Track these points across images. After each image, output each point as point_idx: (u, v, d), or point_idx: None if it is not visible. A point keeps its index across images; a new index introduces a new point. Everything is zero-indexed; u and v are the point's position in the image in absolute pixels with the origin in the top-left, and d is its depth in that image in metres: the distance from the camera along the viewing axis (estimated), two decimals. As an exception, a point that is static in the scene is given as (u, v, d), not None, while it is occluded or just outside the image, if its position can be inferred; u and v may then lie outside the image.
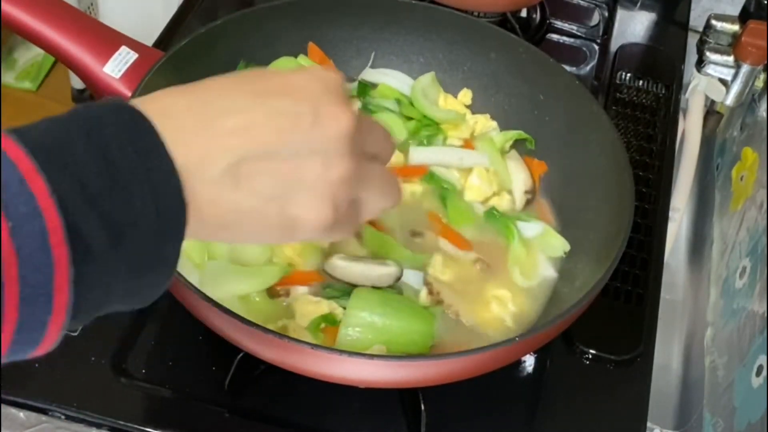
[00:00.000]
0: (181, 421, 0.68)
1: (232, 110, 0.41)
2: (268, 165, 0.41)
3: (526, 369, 0.75)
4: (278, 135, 0.41)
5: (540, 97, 0.85)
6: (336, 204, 0.44)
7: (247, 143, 0.40)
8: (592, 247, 0.74)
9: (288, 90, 0.43)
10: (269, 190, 0.41)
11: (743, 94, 1.01)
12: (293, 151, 0.42)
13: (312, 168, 0.42)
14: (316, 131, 0.42)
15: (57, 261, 0.34)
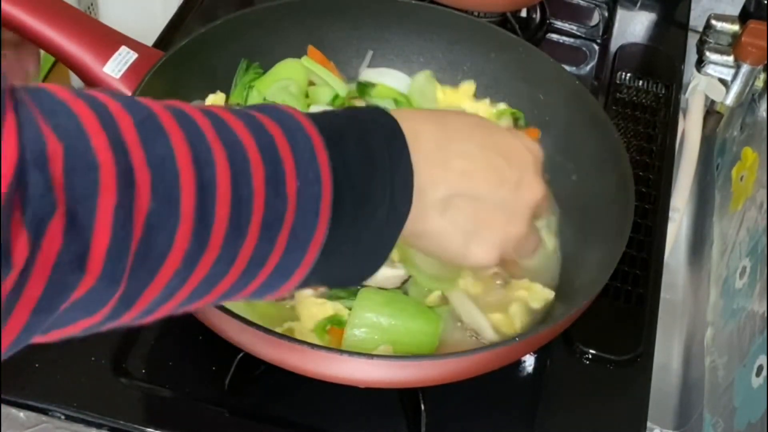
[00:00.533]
0: (181, 421, 0.68)
1: (464, 155, 0.50)
2: (471, 205, 0.50)
3: (526, 369, 0.75)
4: (488, 186, 0.51)
5: (540, 96, 0.85)
6: (503, 254, 0.53)
7: (464, 184, 0.50)
8: (593, 247, 0.74)
9: (507, 152, 0.52)
10: (464, 224, 0.50)
11: (743, 94, 1.01)
12: (492, 201, 0.51)
13: (500, 220, 0.52)
14: (514, 194, 0.52)
15: (320, 223, 0.41)
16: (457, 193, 0.49)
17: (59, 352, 0.70)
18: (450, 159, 0.49)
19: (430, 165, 0.48)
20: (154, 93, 0.72)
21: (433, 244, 0.51)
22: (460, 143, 0.50)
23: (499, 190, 0.51)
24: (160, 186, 0.34)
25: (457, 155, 0.50)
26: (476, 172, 0.50)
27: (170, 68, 0.74)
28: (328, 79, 0.85)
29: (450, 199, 0.49)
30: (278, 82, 0.82)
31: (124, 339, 0.72)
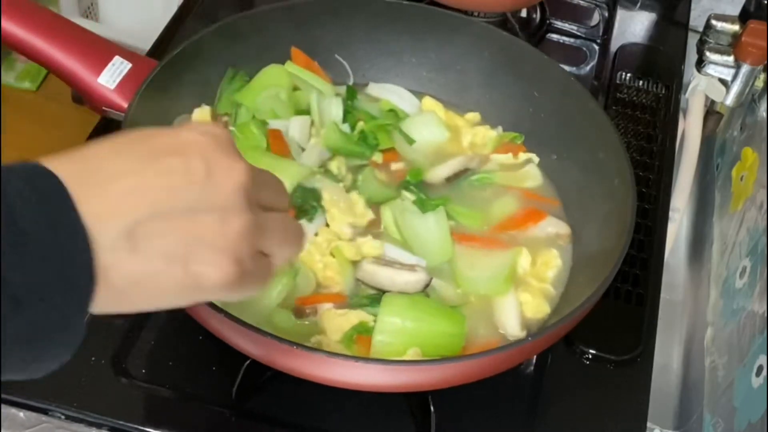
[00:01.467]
0: (181, 421, 0.68)
1: (122, 173, 0.40)
2: (163, 225, 0.40)
3: (526, 369, 0.75)
4: (170, 193, 0.40)
5: (534, 94, 0.85)
6: (239, 259, 0.42)
7: (139, 205, 0.39)
8: (593, 247, 0.74)
9: (178, 148, 0.42)
10: (167, 250, 0.40)
11: (743, 94, 1.01)
12: (187, 208, 0.41)
13: (209, 224, 0.41)
14: (209, 186, 0.41)
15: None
16: (136, 220, 0.39)
17: (59, 352, 0.70)
18: (108, 185, 0.39)
19: (84, 205, 0.38)
20: (150, 105, 0.72)
21: (149, 294, 0.41)
22: (112, 163, 0.40)
23: (186, 192, 0.41)
24: None
25: (114, 178, 0.39)
26: (146, 187, 0.40)
27: (165, 77, 0.74)
28: (313, 82, 0.84)
29: (131, 230, 0.39)
30: (266, 91, 0.82)
31: (124, 339, 0.72)
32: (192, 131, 0.43)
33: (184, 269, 0.41)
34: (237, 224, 0.42)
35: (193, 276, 0.41)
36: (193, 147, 0.42)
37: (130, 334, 0.72)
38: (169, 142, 0.42)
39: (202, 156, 0.42)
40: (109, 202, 0.39)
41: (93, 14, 1.39)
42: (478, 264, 0.74)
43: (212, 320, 0.60)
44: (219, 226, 0.41)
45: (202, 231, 0.41)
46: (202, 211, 0.41)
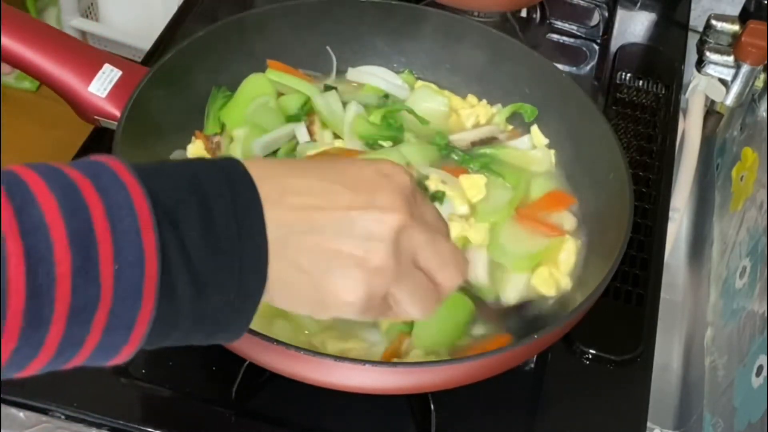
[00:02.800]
0: (181, 421, 0.68)
1: (301, 190, 0.44)
2: (311, 239, 0.44)
3: (526, 369, 0.75)
4: (328, 216, 0.44)
5: (526, 90, 0.85)
6: (369, 291, 0.45)
7: (300, 219, 0.43)
8: (593, 247, 0.74)
9: (355, 180, 0.46)
10: (306, 263, 0.44)
11: (743, 94, 1.01)
12: (337, 230, 0.44)
13: (351, 250, 0.44)
14: (362, 218, 0.45)
15: (144, 305, 0.38)
16: (292, 232, 0.43)
17: (59, 352, 0.70)
18: (282, 197, 0.43)
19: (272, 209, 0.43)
20: (143, 112, 0.72)
21: (280, 295, 0.45)
22: (296, 179, 0.45)
23: (341, 218, 0.44)
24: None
25: (290, 191, 0.44)
26: (313, 205, 0.44)
27: (156, 84, 0.74)
28: (297, 85, 0.84)
29: (286, 239, 0.43)
30: (256, 101, 0.81)
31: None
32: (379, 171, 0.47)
33: (317, 284, 0.44)
34: (377, 261, 0.45)
35: (323, 292, 0.45)
36: (368, 181, 0.46)
37: (130, 334, 0.72)
38: (352, 171, 0.46)
39: (372, 191, 0.45)
40: (279, 210, 0.43)
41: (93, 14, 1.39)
42: (519, 240, 0.76)
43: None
44: (360, 256, 0.44)
45: (345, 255, 0.44)
46: (348, 238, 0.44)
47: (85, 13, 1.38)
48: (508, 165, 0.82)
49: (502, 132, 0.85)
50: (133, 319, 0.39)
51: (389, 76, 0.88)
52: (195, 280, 0.40)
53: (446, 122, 0.86)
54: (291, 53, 0.86)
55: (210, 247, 0.40)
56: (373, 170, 0.47)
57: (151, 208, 0.38)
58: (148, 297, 0.38)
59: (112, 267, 0.37)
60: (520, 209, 0.78)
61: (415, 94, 0.87)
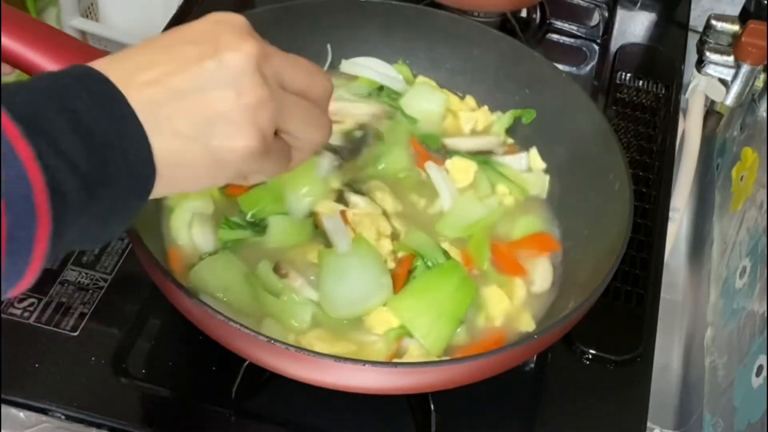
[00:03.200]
0: (181, 421, 0.68)
1: (142, 64, 0.44)
2: (180, 105, 0.44)
3: (526, 369, 0.75)
4: (186, 77, 0.44)
5: (526, 90, 0.85)
6: (260, 129, 0.45)
7: (158, 89, 0.43)
8: (593, 247, 0.74)
9: (193, 35, 0.46)
10: (188, 129, 0.44)
11: (743, 94, 1.01)
12: (201, 86, 0.44)
13: (223, 98, 0.44)
14: (221, 65, 0.44)
15: (40, 219, 0.38)
16: (157, 103, 0.43)
17: (59, 352, 0.70)
18: (132, 76, 0.43)
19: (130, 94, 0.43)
20: None
21: (176, 174, 0.45)
22: (137, 56, 0.45)
23: (200, 73, 0.44)
24: None
25: (136, 69, 0.44)
26: (164, 72, 0.44)
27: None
28: None
29: (155, 114, 0.43)
30: None
31: (124, 339, 0.72)
32: (206, 21, 0.47)
33: (206, 145, 0.44)
34: (251, 95, 0.45)
35: (215, 151, 0.45)
36: (206, 34, 0.46)
37: (130, 334, 0.72)
38: (186, 33, 0.46)
39: (213, 40, 0.45)
40: (136, 90, 0.43)
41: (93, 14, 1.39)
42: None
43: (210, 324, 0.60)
44: (233, 100, 0.44)
45: (218, 106, 0.44)
46: (215, 87, 0.44)
47: (85, 13, 1.37)
48: (501, 177, 0.81)
49: (500, 145, 0.84)
50: (30, 236, 0.38)
51: (383, 67, 0.88)
52: (83, 181, 0.39)
53: (441, 124, 0.86)
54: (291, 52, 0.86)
55: (86, 146, 0.40)
56: (206, 23, 0.47)
57: (16, 123, 0.38)
58: (42, 210, 0.38)
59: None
60: (496, 243, 0.76)
61: (413, 90, 0.87)
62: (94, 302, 0.74)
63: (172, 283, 0.59)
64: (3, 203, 0.36)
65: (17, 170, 0.37)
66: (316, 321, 0.67)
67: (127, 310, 0.74)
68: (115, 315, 0.73)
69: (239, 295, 0.67)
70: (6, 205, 0.37)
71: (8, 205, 0.37)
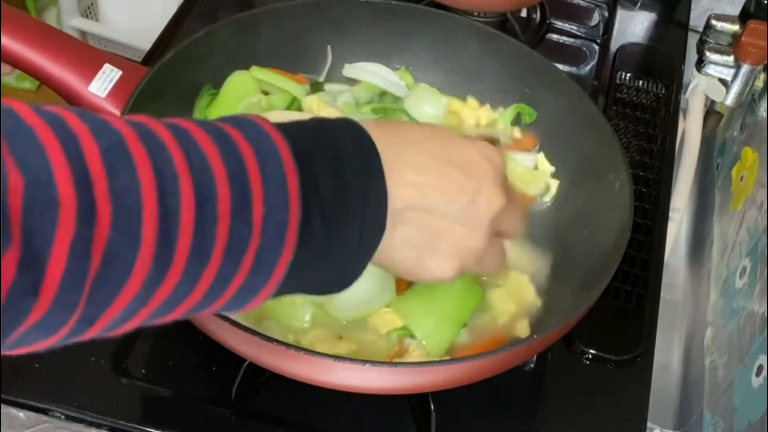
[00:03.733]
0: (180, 421, 0.68)
1: (415, 166, 0.48)
2: (424, 218, 0.49)
3: (526, 369, 0.75)
4: (441, 198, 0.49)
5: (526, 91, 0.85)
6: (462, 267, 0.51)
7: (416, 196, 0.48)
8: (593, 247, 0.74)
9: (464, 162, 0.50)
10: (417, 238, 0.49)
11: (743, 94, 1.01)
12: (446, 214, 0.49)
13: (456, 233, 0.50)
14: (470, 205, 0.50)
15: (286, 247, 0.41)
16: (408, 206, 0.48)
17: (59, 352, 0.70)
18: (400, 171, 0.47)
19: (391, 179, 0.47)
20: (143, 112, 0.71)
21: (386, 258, 0.49)
22: (412, 154, 0.49)
23: (453, 201, 0.49)
24: (120, 219, 0.35)
25: (408, 167, 0.48)
26: (428, 184, 0.48)
27: (157, 83, 0.73)
28: (282, 84, 0.83)
29: (401, 212, 0.48)
30: (246, 100, 0.81)
31: (124, 339, 0.72)
32: (478, 151, 0.51)
33: (419, 256, 0.50)
34: (475, 242, 0.51)
35: (422, 264, 0.50)
36: (475, 166, 0.50)
37: (130, 334, 0.72)
38: (461, 152, 0.51)
39: (477, 177, 0.50)
40: (395, 185, 0.47)
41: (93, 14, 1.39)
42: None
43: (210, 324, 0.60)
44: (461, 238, 0.50)
45: (448, 236, 0.50)
46: (456, 221, 0.50)
47: (85, 13, 1.37)
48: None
49: (508, 137, 0.84)
50: (274, 261, 0.41)
51: (386, 72, 0.88)
52: (326, 225, 0.43)
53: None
54: (291, 53, 0.86)
55: (339, 197, 0.43)
56: (476, 152, 0.51)
57: (293, 155, 0.41)
58: (290, 240, 0.41)
59: (262, 209, 0.40)
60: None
61: (414, 94, 0.87)
62: (94, 302, 0.74)
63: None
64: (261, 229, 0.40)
65: (283, 198, 0.40)
66: (315, 321, 0.67)
67: (127, 310, 0.74)
68: (115, 315, 0.73)
69: None
70: (263, 228, 0.40)
71: (265, 230, 0.40)
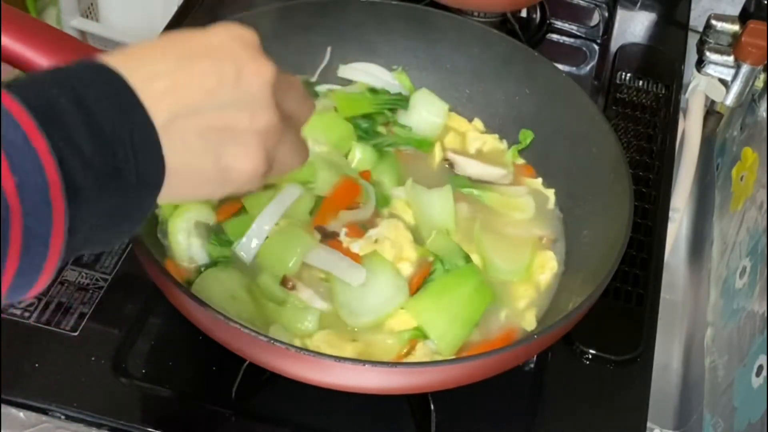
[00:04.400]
0: (181, 421, 0.68)
1: (160, 73, 0.43)
2: (197, 121, 0.44)
3: (526, 369, 0.75)
4: (204, 94, 0.44)
5: (526, 90, 0.85)
6: (267, 153, 0.47)
7: (174, 104, 0.43)
8: (593, 247, 0.74)
9: (209, 51, 0.45)
10: (200, 145, 0.44)
11: (743, 94, 1.01)
12: (220, 106, 0.44)
13: (240, 120, 0.45)
14: (240, 86, 0.45)
15: (56, 212, 0.38)
16: (174, 117, 0.43)
17: (59, 352, 0.70)
18: (150, 87, 0.43)
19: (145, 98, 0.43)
20: None
21: (183, 185, 0.45)
22: (153, 65, 0.44)
23: (218, 92, 0.45)
24: None
25: (154, 78, 0.43)
26: (180, 87, 0.44)
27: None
28: None
29: (167, 127, 0.43)
30: None
31: (124, 339, 0.72)
32: (222, 35, 0.47)
33: (216, 162, 0.45)
34: (264, 120, 0.46)
35: (223, 169, 0.46)
36: (223, 49, 0.46)
37: (130, 334, 0.72)
38: (202, 44, 0.46)
39: (231, 58, 0.45)
40: (153, 101, 0.42)
41: (93, 14, 1.39)
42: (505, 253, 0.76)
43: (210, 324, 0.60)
44: (248, 123, 0.45)
45: (233, 127, 0.45)
46: (232, 108, 0.45)
47: (85, 13, 1.38)
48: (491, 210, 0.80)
49: (505, 177, 0.83)
50: (47, 231, 0.38)
51: (380, 72, 0.88)
52: (95, 176, 0.39)
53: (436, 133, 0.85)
54: (291, 54, 0.86)
55: (99, 142, 0.40)
56: (217, 36, 0.47)
57: (31, 115, 0.38)
58: (57, 203, 0.38)
59: (13, 180, 0.36)
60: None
61: (414, 98, 0.86)
62: (94, 302, 0.74)
63: (175, 286, 0.59)
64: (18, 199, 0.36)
65: (33, 162, 0.37)
66: (322, 323, 0.68)
67: (127, 310, 0.74)
68: (115, 315, 0.73)
69: (243, 305, 0.68)
70: (21, 198, 0.36)
71: (24, 198, 0.36)
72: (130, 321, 0.73)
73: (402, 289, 0.69)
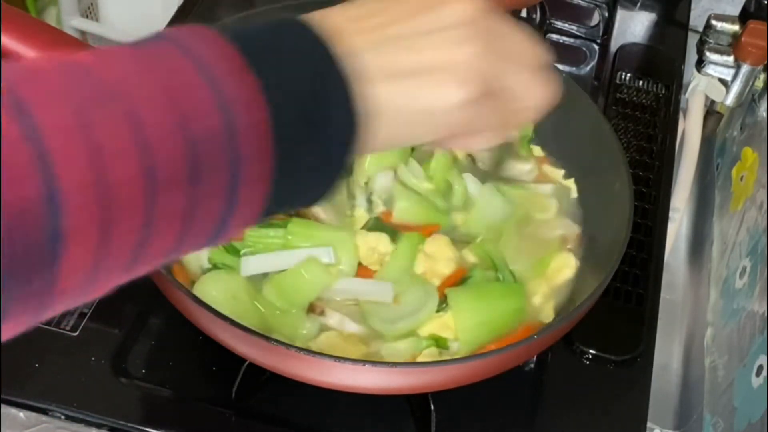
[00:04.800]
0: (181, 421, 0.68)
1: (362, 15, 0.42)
2: (395, 49, 0.41)
3: (526, 369, 0.75)
4: (404, 24, 0.42)
5: None
6: (477, 75, 0.42)
7: (375, 37, 0.41)
8: (593, 247, 0.74)
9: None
10: (398, 73, 0.41)
11: (743, 94, 1.01)
12: (419, 32, 0.42)
13: (441, 43, 0.42)
14: (440, 13, 0.42)
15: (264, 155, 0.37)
16: (383, 43, 0.41)
17: (59, 352, 0.70)
18: (350, 23, 0.41)
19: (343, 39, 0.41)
20: None
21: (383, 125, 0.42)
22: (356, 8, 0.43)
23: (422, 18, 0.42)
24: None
25: (357, 18, 0.42)
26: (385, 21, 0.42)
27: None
28: None
29: (380, 55, 0.41)
30: None
31: (124, 339, 0.72)
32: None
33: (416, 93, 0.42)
34: (471, 46, 0.42)
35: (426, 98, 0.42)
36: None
37: (130, 334, 0.72)
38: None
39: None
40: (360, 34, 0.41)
41: (93, 14, 1.39)
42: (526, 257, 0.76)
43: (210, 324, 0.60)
44: (455, 47, 0.42)
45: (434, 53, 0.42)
46: (434, 33, 0.42)
47: (85, 13, 1.38)
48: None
49: (531, 170, 0.83)
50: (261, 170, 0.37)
51: None
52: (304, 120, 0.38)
53: None
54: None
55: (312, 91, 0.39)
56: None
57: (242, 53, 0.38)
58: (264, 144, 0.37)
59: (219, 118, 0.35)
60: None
61: None
62: (94, 302, 0.74)
63: (175, 286, 0.59)
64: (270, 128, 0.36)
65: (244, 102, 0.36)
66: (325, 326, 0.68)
67: (127, 310, 0.74)
68: (115, 315, 0.73)
69: (244, 306, 0.68)
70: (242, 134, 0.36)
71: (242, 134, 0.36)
72: (130, 321, 0.73)
73: (432, 294, 0.69)
